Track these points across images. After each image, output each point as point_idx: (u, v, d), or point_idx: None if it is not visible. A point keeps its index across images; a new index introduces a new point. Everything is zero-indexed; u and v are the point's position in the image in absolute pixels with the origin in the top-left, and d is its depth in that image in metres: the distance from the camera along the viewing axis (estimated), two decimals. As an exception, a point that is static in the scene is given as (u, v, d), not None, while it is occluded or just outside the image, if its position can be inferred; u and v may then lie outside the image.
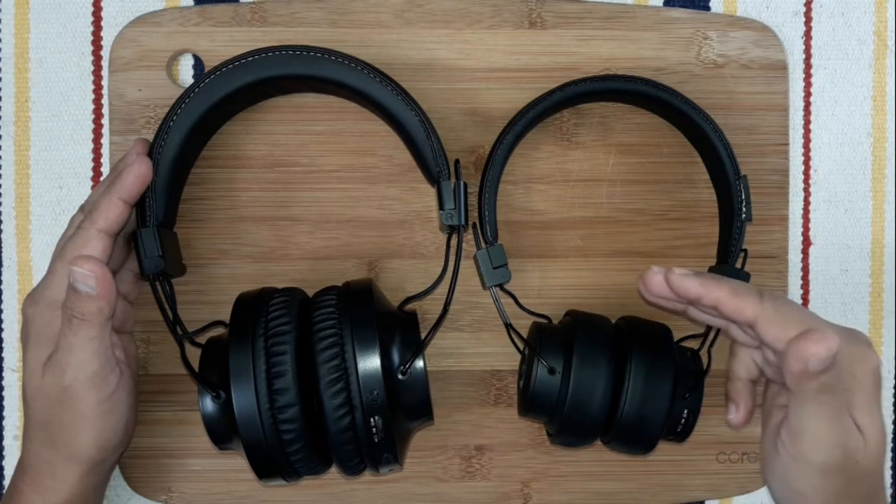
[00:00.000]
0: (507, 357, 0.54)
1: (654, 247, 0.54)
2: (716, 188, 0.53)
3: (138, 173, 0.46)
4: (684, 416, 0.48)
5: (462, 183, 0.48)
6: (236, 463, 0.53)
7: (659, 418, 0.47)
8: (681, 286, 0.43)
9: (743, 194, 0.50)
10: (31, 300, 0.46)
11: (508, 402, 0.54)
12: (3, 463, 0.55)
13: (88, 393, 0.45)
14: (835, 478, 0.42)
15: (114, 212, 0.46)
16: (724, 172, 0.50)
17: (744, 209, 0.50)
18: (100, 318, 0.44)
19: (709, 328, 0.50)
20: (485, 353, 0.54)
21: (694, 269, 0.44)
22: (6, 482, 0.55)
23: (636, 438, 0.48)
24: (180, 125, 0.48)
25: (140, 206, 0.47)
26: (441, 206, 0.48)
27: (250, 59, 0.48)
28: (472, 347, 0.54)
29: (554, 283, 0.54)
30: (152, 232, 0.47)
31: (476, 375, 0.54)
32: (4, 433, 0.55)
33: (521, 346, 0.50)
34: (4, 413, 0.55)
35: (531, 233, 0.54)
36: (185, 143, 0.48)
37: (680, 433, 0.49)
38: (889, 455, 0.57)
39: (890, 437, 0.57)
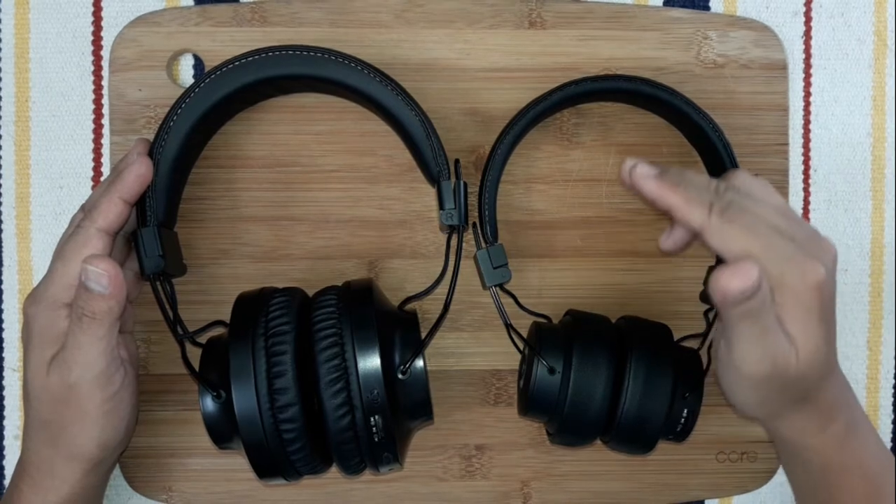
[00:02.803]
0: (507, 357, 0.54)
1: (654, 247, 0.54)
2: (716, 188, 0.53)
3: (139, 173, 0.46)
4: (684, 415, 0.48)
5: (462, 183, 0.48)
6: (236, 462, 0.53)
7: (659, 418, 0.47)
8: (638, 184, 0.44)
9: (743, 194, 0.50)
10: (32, 300, 0.46)
11: (508, 402, 0.54)
12: (4, 463, 0.55)
13: (94, 391, 0.45)
14: (765, 385, 0.44)
15: (114, 211, 0.46)
16: (725, 172, 0.50)
17: (744, 209, 0.50)
18: (109, 318, 0.44)
19: (709, 328, 0.50)
20: (485, 353, 0.54)
21: (662, 167, 0.45)
22: (6, 482, 0.55)
23: (636, 438, 0.48)
24: (180, 125, 0.48)
25: (140, 205, 0.47)
26: (441, 206, 0.48)
27: (250, 59, 0.48)
28: (472, 347, 0.54)
29: (554, 283, 0.54)
30: (153, 231, 0.47)
31: (476, 375, 0.54)
32: (5, 433, 0.55)
33: (521, 345, 0.50)
34: (5, 413, 0.55)
35: (531, 233, 0.54)
36: (185, 143, 0.48)
37: (680, 433, 0.49)
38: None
39: (889, 427, 0.57)
